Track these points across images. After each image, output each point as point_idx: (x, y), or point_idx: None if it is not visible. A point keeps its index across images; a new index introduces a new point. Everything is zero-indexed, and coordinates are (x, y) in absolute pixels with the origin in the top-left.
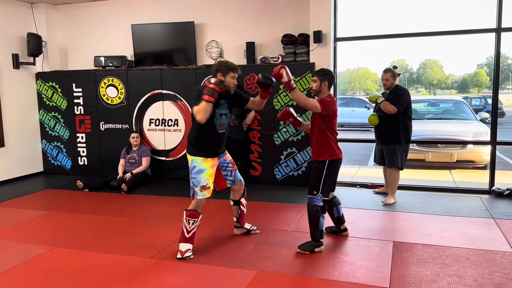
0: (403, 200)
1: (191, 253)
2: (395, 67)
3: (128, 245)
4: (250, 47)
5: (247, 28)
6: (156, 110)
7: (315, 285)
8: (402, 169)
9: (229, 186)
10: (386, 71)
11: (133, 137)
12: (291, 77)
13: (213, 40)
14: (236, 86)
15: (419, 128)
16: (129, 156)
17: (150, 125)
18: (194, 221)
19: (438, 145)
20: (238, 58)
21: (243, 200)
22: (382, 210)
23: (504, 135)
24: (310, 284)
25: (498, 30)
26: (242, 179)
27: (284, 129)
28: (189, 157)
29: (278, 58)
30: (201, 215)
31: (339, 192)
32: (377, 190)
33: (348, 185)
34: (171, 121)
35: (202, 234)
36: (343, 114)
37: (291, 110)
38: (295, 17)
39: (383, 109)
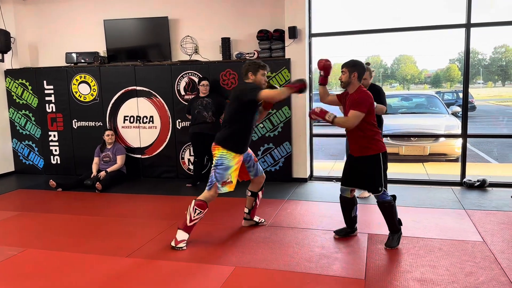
0: None
1: (184, 244)
2: (368, 64)
3: (103, 245)
4: (226, 43)
5: (222, 23)
6: (131, 107)
7: (292, 278)
8: None
9: (252, 178)
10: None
11: (108, 135)
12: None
13: (188, 36)
14: (266, 82)
15: (393, 122)
16: (103, 154)
17: (124, 122)
18: (201, 212)
19: (411, 138)
20: (213, 53)
21: (260, 193)
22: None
23: (475, 128)
24: (287, 278)
25: (468, 26)
26: (263, 172)
27: (261, 125)
28: (218, 152)
29: (254, 53)
30: (207, 209)
31: (315, 187)
32: None
33: (324, 179)
34: (146, 118)
35: None
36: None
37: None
38: (270, 12)
39: (379, 113)
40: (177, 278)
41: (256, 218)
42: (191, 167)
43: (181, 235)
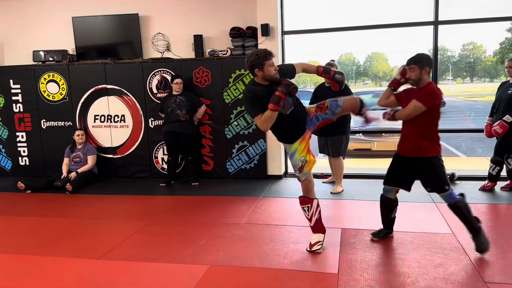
0: (351, 189)
1: (320, 246)
2: (332, 61)
3: (74, 247)
4: (198, 40)
5: (194, 20)
6: (101, 106)
7: (266, 275)
8: (344, 158)
9: (334, 118)
10: (332, 65)
11: (78, 135)
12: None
13: (159, 33)
14: (276, 70)
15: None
16: (73, 154)
17: (95, 121)
18: (308, 207)
19: (383, 134)
20: (186, 51)
21: (363, 112)
22: (330, 199)
23: (445, 124)
24: (261, 274)
25: (436, 23)
26: (341, 101)
27: (235, 123)
28: (285, 146)
29: (227, 51)
30: (315, 200)
31: (290, 183)
32: (325, 180)
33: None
34: (118, 117)
35: (154, 230)
36: None
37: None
38: (242, 9)
39: None
40: (151, 279)
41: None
42: (165, 166)
43: (314, 237)
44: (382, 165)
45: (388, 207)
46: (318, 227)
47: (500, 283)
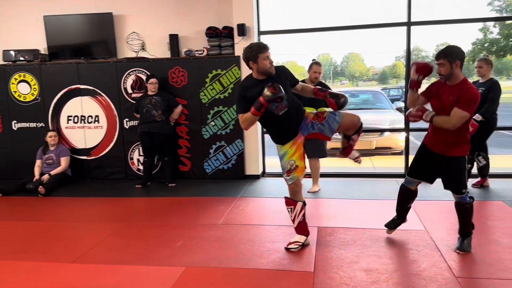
0: (327, 187)
1: (297, 246)
2: (314, 60)
3: (46, 251)
4: (174, 40)
5: (169, 20)
6: (74, 107)
7: (243, 275)
8: (325, 157)
9: (331, 136)
10: (319, 64)
11: (50, 136)
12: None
13: (134, 32)
14: (271, 63)
15: None
16: (46, 156)
17: (68, 122)
18: (291, 208)
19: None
20: (161, 50)
21: (356, 137)
22: (306, 198)
23: (419, 123)
24: (238, 274)
25: (408, 24)
26: (340, 116)
27: (213, 123)
28: (277, 147)
29: (203, 51)
30: (299, 203)
31: (268, 183)
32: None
33: (276, 175)
34: (91, 118)
35: (129, 233)
36: None
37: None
38: (218, 9)
39: None
40: (125, 282)
41: (352, 156)
42: (141, 167)
43: (296, 237)
44: (355, 164)
45: (407, 198)
46: (301, 228)
47: (470, 277)
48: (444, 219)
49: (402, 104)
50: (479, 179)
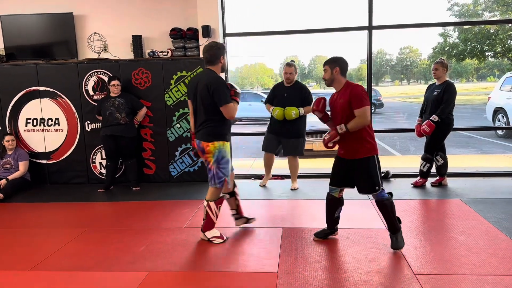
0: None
1: (221, 241)
2: (292, 61)
3: (3, 258)
4: (137, 41)
5: (132, 20)
6: (33, 109)
7: (206, 278)
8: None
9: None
10: (290, 65)
11: (7, 140)
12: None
13: (96, 33)
14: None
15: (308, 120)
16: (3, 161)
17: (26, 125)
18: (220, 206)
19: (324, 135)
20: (124, 51)
21: (236, 189)
22: (273, 199)
23: (383, 124)
24: (201, 278)
25: (370, 28)
26: (219, 183)
27: (178, 125)
28: (214, 147)
29: (168, 52)
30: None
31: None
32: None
33: (243, 177)
34: (51, 120)
35: (90, 238)
36: (241, 108)
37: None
38: (183, 10)
39: (306, 113)
40: None
41: (246, 214)
42: (103, 171)
43: (212, 233)
44: (323, 165)
45: (333, 206)
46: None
47: (428, 274)
48: (404, 217)
49: None
50: (437, 178)
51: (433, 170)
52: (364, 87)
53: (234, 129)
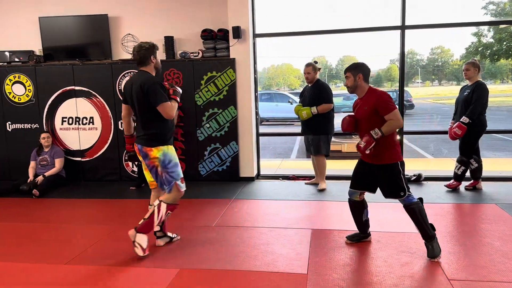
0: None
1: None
2: (315, 62)
3: (40, 252)
4: (169, 42)
5: (165, 22)
6: (69, 108)
7: (236, 277)
8: (328, 156)
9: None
10: (308, 65)
11: (44, 138)
12: (373, 136)
13: (129, 34)
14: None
15: (336, 121)
16: (40, 158)
17: (62, 124)
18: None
19: (353, 136)
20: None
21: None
22: (302, 200)
23: (413, 125)
24: (231, 276)
25: (403, 28)
26: (169, 188)
27: (207, 125)
28: (158, 152)
29: (199, 53)
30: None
31: (262, 185)
32: (308, 181)
33: (271, 177)
34: (86, 119)
35: (122, 235)
36: (268, 108)
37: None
38: (214, 11)
39: (323, 111)
40: (119, 284)
41: (169, 233)
42: (135, 169)
43: (141, 239)
44: (352, 167)
45: (357, 209)
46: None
47: (462, 280)
48: (437, 221)
49: None
50: (471, 181)
51: (468, 174)
52: (396, 88)
53: (261, 129)
